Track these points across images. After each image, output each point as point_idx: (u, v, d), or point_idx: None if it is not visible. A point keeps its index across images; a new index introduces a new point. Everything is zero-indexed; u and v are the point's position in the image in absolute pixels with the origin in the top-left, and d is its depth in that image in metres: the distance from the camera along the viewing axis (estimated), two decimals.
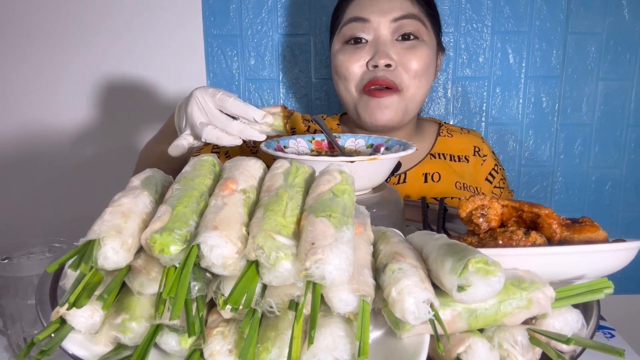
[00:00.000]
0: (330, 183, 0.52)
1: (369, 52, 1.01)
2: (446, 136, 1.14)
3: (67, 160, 1.34)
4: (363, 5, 1.02)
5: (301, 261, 0.43)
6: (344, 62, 1.02)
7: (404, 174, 1.07)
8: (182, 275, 0.43)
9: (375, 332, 0.49)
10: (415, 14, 1.01)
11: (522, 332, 0.49)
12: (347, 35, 1.03)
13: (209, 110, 0.77)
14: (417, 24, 1.01)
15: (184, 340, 0.46)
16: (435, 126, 1.18)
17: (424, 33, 1.02)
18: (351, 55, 1.02)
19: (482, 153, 1.13)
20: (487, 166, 1.13)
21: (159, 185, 0.57)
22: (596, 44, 1.32)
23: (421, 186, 1.06)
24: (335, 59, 1.05)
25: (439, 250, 0.49)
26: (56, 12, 1.26)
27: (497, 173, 1.13)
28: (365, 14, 1.00)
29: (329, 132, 0.83)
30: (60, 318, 0.46)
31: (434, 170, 1.08)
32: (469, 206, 0.61)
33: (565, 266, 0.53)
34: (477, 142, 1.15)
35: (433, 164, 1.09)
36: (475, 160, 1.12)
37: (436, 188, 1.06)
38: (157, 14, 1.27)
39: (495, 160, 1.15)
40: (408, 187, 1.06)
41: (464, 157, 1.12)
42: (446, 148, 1.12)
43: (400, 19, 1.00)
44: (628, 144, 1.38)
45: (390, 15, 1.00)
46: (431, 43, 1.04)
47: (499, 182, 1.13)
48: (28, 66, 1.29)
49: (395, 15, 1.00)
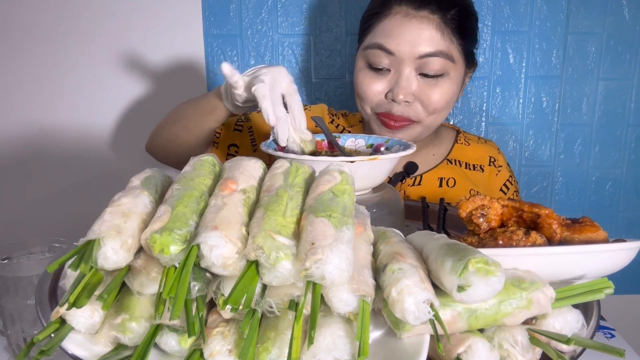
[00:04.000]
0: (330, 183, 0.52)
1: (390, 82, 0.98)
2: (463, 144, 1.14)
3: (67, 160, 1.34)
4: (391, 33, 0.95)
5: (301, 261, 0.43)
6: (363, 85, 1.00)
7: (419, 177, 1.08)
8: (182, 275, 0.43)
9: (375, 332, 0.49)
10: (444, 50, 0.95)
11: (522, 332, 0.49)
12: (370, 60, 0.98)
13: (277, 85, 0.77)
14: (443, 62, 0.95)
15: (184, 340, 0.46)
16: (453, 133, 1.17)
17: (450, 68, 0.97)
18: (371, 80, 0.99)
19: (497, 164, 1.13)
20: (502, 177, 1.12)
21: (158, 185, 0.57)
22: (596, 44, 1.32)
23: (436, 190, 1.06)
24: (356, 77, 1.02)
25: (439, 250, 0.49)
26: (56, 13, 1.26)
27: (512, 185, 1.13)
28: (391, 46, 0.95)
29: (329, 132, 0.83)
30: (60, 318, 0.46)
31: (449, 176, 1.08)
32: (469, 206, 0.61)
33: (565, 266, 0.53)
34: (493, 152, 1.15)
35: (449, 169, 1.10)
36: (490, 170, 1.12)
37: (450, 193, 1.06)
38: (157, 14, 1.27)
39: (510, 172, 1.15)
40: (423, 190, 1.06)
41: (479, 166, 1.12)
42: (462, 156, 1.12)
43: (426, 56, 0.94)
44: (628, 144, 1.38)
45: (416, 49, 0.94)
46: (457, 76, 1.00)
47: (512, 194, 1.13)
48: (26, 66, 1.29)
49: (422, 52, 0.94)
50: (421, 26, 0.94)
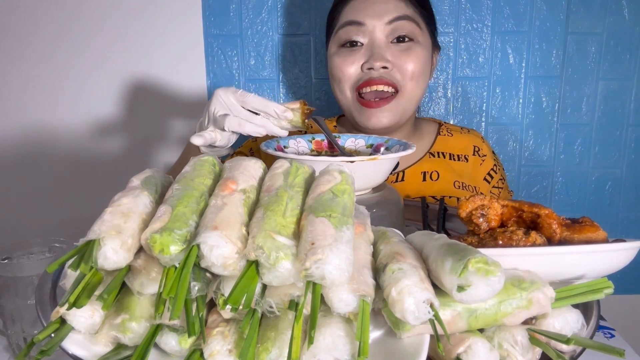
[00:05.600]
0: (330, 183, 0.52)
1: (365, 55, 1.01)
2: (446, 135, 1.14)
3: (68, 160, 1.34)
4: (358, 9, 1.02)
5: (301, 261, 0.43)
6: (339, 64, 1.03)
7: (402, 172, 1.07)
8: (182, 275, 0.43)
9: (375, 332, 0.49)
10: (410, 15, 1.02)
11: (522, 332, 0.49)
12: (342, 39, 1.03)
13: (232, 106, 0.78)
14: (411, 26, 1.01)
15: (184, 340, 0.46)
16: (435, 125, 1.18)
17: (418, 34, 1.03)
18: (346, 57, 1.02)
19: (481, 153, 1.13)
20: (486, 166, 1.13)
21: (158, 185, 0.57)
22: (596, 44, 1.32)
23: (419, 185, 1.06)
24: (331, 62, 1.05)
25: (439, 250, 0.49)
26: (56, 13, 1.26)
27: (496, 173, 1.13)
28: (360, 17, 1.01)
29: (329, 132, 0.83)
30: (60, 318, 0.46)
31: (432, 169, 1.08)
32: (469, 206, 0.61)
33: (565, 266, 0.53)
34: (477, 141, 1.15)
35: (432, 162, 1.09)
36: (475, 159, 1.12)
37: (435, 187, 1.06)
38: (157, 14, 1.27)
39: (495, 160, 1.15)
40: (406, 186, 1.06)
41: (463, 156, 1.12)
42: (446, 147, 1.12)
43: (394, 20, 1.00)
44: (628, 144, 1.38)
45: (384, 17, 1.00)
46: (426, 43, 1.05)
47: (497, 182, 1.13)
48: (27, 66, 1.29)
49: (390, 17, 1.00)
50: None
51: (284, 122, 0.78)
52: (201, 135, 0.78)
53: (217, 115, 0.77)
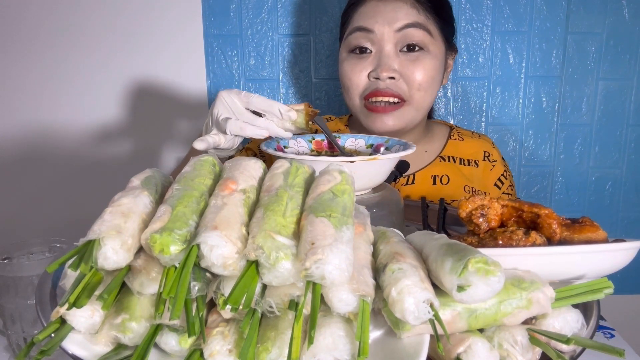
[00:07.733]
0: (330, 183, 0.52)
1: (373, 62, 1.00)
2: (457, 140, 1.14)
3: (68, 161, 1.34)
4: (368, 14, 1.00)
5: (301, 261, 0.43)
6: (348, 73, 1.02)
7: (412, 175, 1.08)
8: (182, 275, 0.43)
9: (375, 332, 0.49)
10: (421, 22, 0.99)
11: (522, 332, 0.49)
12: (352, 45, 1.02)
13: (235, 108, 0.77)
14: (422, 34, 0.99)
15: (184, 340, 0.46)
16: (446, 129, 1.18)
17: (429, 42, 1.00)
18: (354, 65, 1.01)
19: (492, 158, 1.13)
20: (497, 172, 1.13)
21: (159, 185, 0.57)
22: (596, 44, 1.32)
23: (429, 188, 1.06)
24: (341, 69, 1.04)
25: (439, 250, 0.49)
26: (58, 17, 1.26)
27: (506, 179, 1.13)
28: (370, 24, 0.99)
29: (329, 132, 0.83)
30: (60, 318, 0.46)
31: (443, 173, 1.08)
32: (469, 206, 0.61)
33: (565, 266, 0.53)
34: (487, 147, 1.15)
35: (442, 166, 1.09)
36: (485, 165, 1.12)
37: (444, 191, 1.06)
38: (158, 14, 1.27)
39: (505, 167, 1.15)
40: (416, 189, 1.06)
41: (473, 161, 1.12)
42: (456, 152, 1.12)
43: (404, 28, 0.98)
44: (628, 144, 1.38)
45: (394, 25, 0.98)
46: (437, 51, 1.02)
47: (507, 189, 1.13)
48: (30, 68, 1.29)
49: (399, 25, 0.98)
50: (397, 5, 0.99)
51: (287, 124, 0.78)
52: (204, 139, 0.78)
53: (220, 118, 0.77)
